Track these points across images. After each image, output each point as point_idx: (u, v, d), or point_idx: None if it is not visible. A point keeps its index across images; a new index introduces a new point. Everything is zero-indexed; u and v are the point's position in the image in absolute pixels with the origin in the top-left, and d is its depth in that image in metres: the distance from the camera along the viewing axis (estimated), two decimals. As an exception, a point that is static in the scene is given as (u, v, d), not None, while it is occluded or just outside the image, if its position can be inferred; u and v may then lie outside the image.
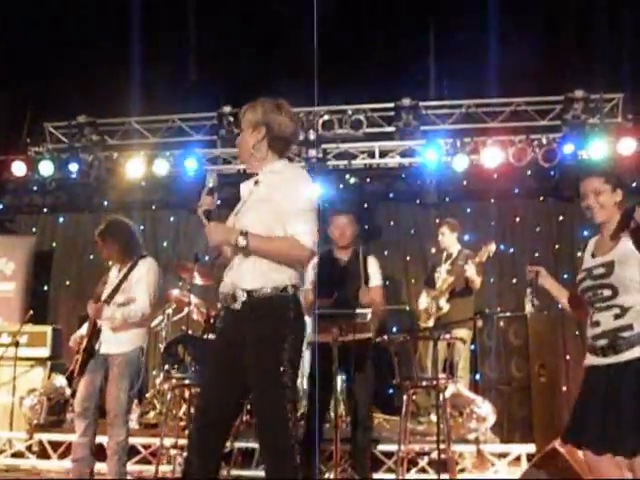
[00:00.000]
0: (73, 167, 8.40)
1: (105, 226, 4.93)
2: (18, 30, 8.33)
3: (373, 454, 5.40)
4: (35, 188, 9.06)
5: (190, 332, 6.34)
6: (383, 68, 8.36)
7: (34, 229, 9.09)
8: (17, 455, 6.13)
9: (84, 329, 4.98)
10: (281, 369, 2.92)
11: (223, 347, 3.17)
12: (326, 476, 4.80)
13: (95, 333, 4.78)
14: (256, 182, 3.28)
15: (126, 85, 8.37)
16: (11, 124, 8.79)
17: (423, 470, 5.48)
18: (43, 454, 6.08)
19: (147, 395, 7.40)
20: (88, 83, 8.38)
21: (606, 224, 3.42)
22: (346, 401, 5.13)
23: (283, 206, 3.04)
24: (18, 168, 8.42)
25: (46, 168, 8.39)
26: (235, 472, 5.55)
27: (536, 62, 7.44)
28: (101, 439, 4.89)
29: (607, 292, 3.33)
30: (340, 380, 5.09)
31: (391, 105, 8.12)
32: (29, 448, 6.17)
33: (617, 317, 3.28)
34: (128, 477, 5.03)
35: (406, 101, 7.96)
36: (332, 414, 4.97)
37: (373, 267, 5.13)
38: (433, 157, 7.81)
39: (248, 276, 3.05)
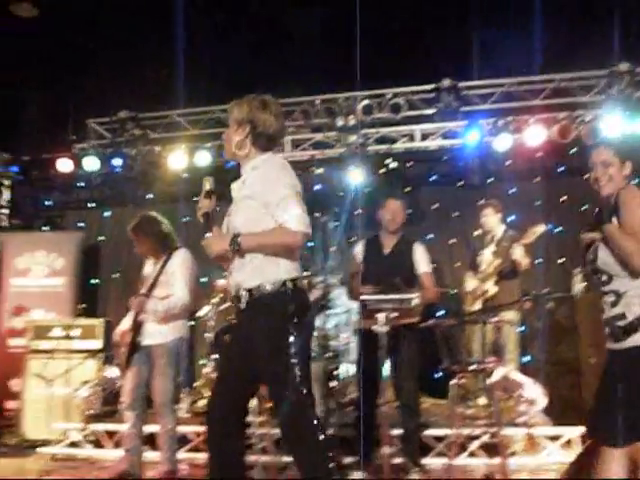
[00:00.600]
0: (117, 162, 8.52)
1: (136, 223, 5.03)
2: (59, 28, 8.46)
3: (422, 438, 5.39)
4: (81, 184, 9.23)
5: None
6: (422, 50, 8.28)
7: (81, 224, 9.26)
8: (74, 445, 6.29)
9: (125, 324, 5.08)
10: (290, 364, 2.99)
11: (234, 344, 3.33)
12: (377, 461, 4.80)
13: (137, 327, 4.88)
14: (243, 181, 3.33)
15: (166, 78, 8.46)
16: (55, 122, 8.95)
17: (473, 454, 5.46)
18: (98, 443, 6.23)
19: (196, 384, 7.51)
20: (128, 78, 8.50)
21: (612, 197, 3.31)
22: (395, 387, 5.12)
23: (268, 199, 3.10)
24: (64, 165, 8.57)
25: (91, 164, 8.52)
26: (286, 459, 5.60)
27: (578, 36, 7.28)
28: (153, 429, 5.00)
29: (604, 277, 3.27)
30: (388, 366, 5.09)
31: (431, 87, 8.02)
32: (85, 438, 6.32)
33: (613, 305, 3.23)
34: (180, 465, 5.13)
35: (446, 82, 7.85)
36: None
37: (420, 254, 5.11)
38: (475, 138, 7.71)
39: (247, 275, 3.12)
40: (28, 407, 6.78)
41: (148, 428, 5.06)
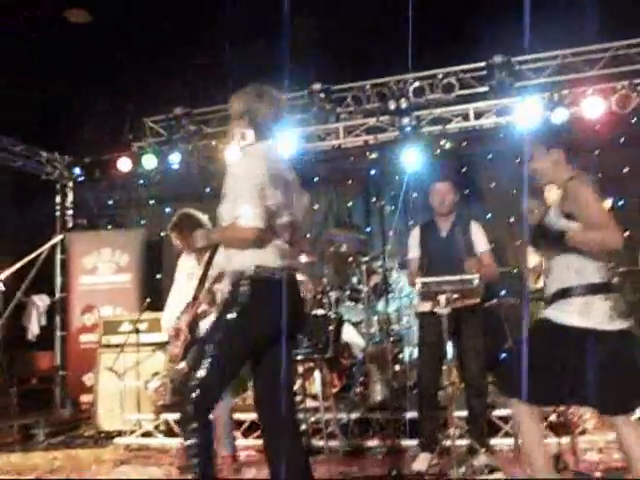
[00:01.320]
0: (174, 158, 8.67)
1: (177, 220, 5.14)
2: (112, 32, 8.64)
3: (490, 419, 5.36)
4: (141, 182, 9.44)
5: (299, 309, 6.45)
6: (471, 26, 8.14)
7: (143, 221, 9.47)
8: (146, 435, 6.47)
9: (170, 319, 5.16)
10: (212, 340, 3.18)
11: None
12: (443, 444, 4.80)
13: (197, 320, 4.99)
14: None
15: (218, 73, 8.54)
16: (113, 123, 9.17)
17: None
18: (170, 433, 6.39)
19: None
20: (181, 75, 8.63)
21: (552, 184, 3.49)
22: (459, 368, 5.10)
23: (236, 190, 3.19)
24: (123, 164, 8.77)
25: (149, 161, 8.70)
26: (353, 442, 5.66)
27: (632, 1, 7.05)
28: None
29: None
30: (451, 348, 5.07)
31: (482, 64, 7.90)
32: (157, 427, 6.49)
33: None
34: (251, 452, 5.24)
35: (498, 58, 7.71)
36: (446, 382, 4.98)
37: (477, 233, 5.06)
38: (531, 113, 7.56)
39: (224, 263, 3.36)
40: (102, 400, 6.98)
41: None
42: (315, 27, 8.72)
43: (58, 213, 9.56)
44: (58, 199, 9.58)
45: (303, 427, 5.55)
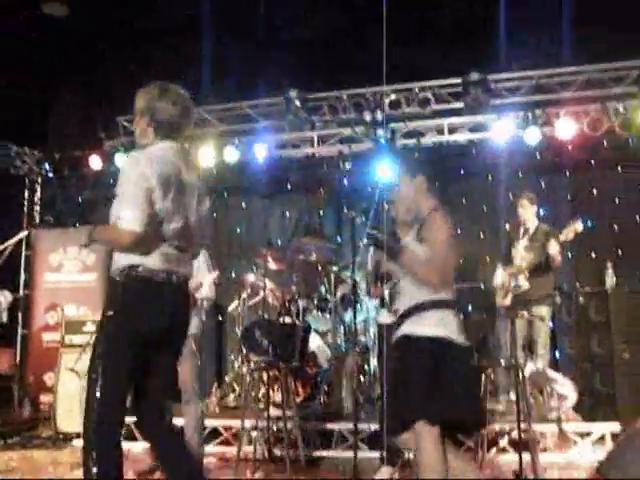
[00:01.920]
0: (146, 158, 8.59)
1: None
2: (87, 27, 8.54)
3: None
4: (111, 181, 9.31)
5: (266, 316, 6.43)
6: (448, 43, 8.21)
7: (112, 220, 9.35)
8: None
9: None
10: (97, 345, 3.16)
11: None
12: (406, 456, 4.80)
13: None
14: None
15: (192, 75, 8.49)
16: (85, 120, 9.05)
17: (504, 450, 5.44)
18: (130, 436, 6.28)
19: (226, 378, 7.56)
20: (156, 75, 8.54)
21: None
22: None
23: (120, 191, 3.11)
24: (94, 162, 8.68)
25: (121, 160, 8.61)
26: (315, 452, 5.64)
27: (608, 26, 7.16)
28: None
29: None
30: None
31: (458, 80, 7.96)
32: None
33: None
34: (210, 459, 5.19)
35: (474, 76, 7.76)
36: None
37: None
38: (504, 131, 7.65)
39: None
40: (61, 400, 6.86)
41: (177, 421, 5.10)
42: (293, 34, 8.74)
43: (25, 209, 9.42)
44: (26, 194, 9.43)
45: (265, 436, 5.52)
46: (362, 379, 6.61)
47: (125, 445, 6.08)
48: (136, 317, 3.09)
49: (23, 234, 8.46)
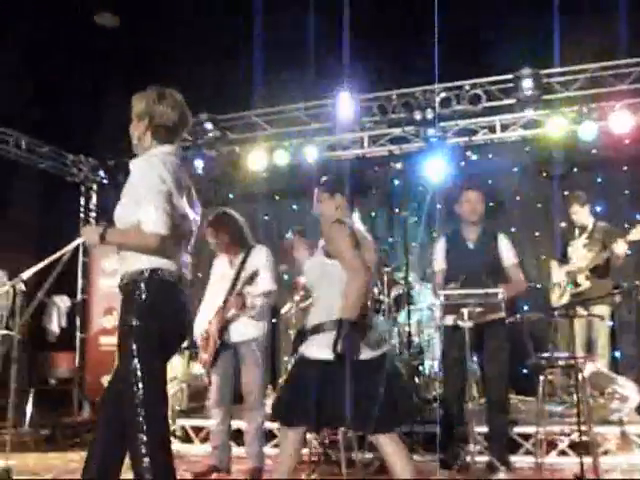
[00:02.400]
0: (198, 163, 8.69)
1: (215, 217, 5.08)
2: (138, 36, 8.69)
3: (510, 436, 5.28)
4: (164, 186, 9.45)
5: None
6: (499, 38, 8.08)
7: (165, 225, 9.48)
8: (163, 440, 6.43)
9: (201, 323, 5.11)
10: (128, 356, 2.97)
11: None
12: (463, 460, 4.73)
13: (226, 324, 4.93)
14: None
15: (242, 80, 8.56)
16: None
17: (563, 452, 5.31)
18: (186, 438, 6.37)
19: (280, 380, 7.57)
20: (206, 81, 8.64)
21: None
22: (480, 383, 5.03)
23: (137, 194, 3.08)
24: (147, 167, 8.78)
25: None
26: (369, 455, 5.59)
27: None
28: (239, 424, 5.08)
29: None
30: (474, 362, 5.01)
31: (510, 76, 7.83)
32: (173, 433, 6.47)
33: None
34: (267, 461, 5.20)
35: (526, 71, 7.63)
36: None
37: (505, 246, 4.99)
38: (558, 127, 7.49)
39: (118, 264, 3.20)
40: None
41: (235, 424, 5.14)
42: (342, 36, 8.72)
43: (82, 215, 9.62)
44: (82, 201, 9.64)
45: (320, 438, 5.51)
46: (417, 380, 6.54)
47: (181, 447, 6.20)
48: (164, 324, 3.06)
49: (79, 240, 8.64)
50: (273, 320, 8.48)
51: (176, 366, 7.04)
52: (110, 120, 9.35)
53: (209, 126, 8.76)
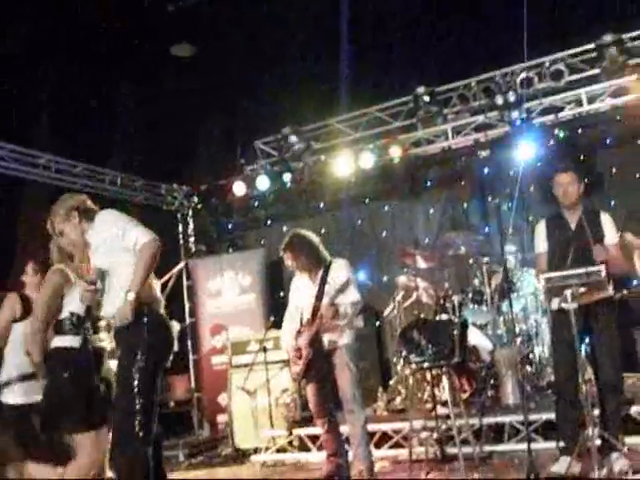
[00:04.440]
0: (286, 177, 8.82)
1: (289, 241, 5.22)
2: (216, 63, 8.92)
3: (628, 416, 5.06)
4: (256, 203, 9.67)
5: (422, 315, 6.39)
6: (577, 6, 7.79)
7: (262, 242, 9.68)
8: (280, 450, 6.56)
9: (287, 338, 5.22)
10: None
11: None
12: (582, 444, 4.56)
13: (318, 334, 5.01)
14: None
15: (320, 89, 8.64)
16: (225, 149, 9.44)
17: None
18: (304, 447, 6.45)
19: (391, 382, 7.56)
20: (286, 95, 8.77)
21: None
22: (593, 364, 4.84)
23: (111, 239, 3.61)
24: (238, 188, 8.99)
25: (263, 183, 8.88)
26: (487, 448, 5.50)
27: None
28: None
29: None
30: (585, 344, 4.84)
31: (592, 46, 7.54)
32: (290, 443, 6.57)
33: None
34: (382, 462, 5.21)
35: (607, 38, 7.32)
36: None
37: (607, 224, 4.81)
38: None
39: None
40: (236, 419, 7.15)
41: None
42: (414, 30, 8.66)
43: (181, 241, 9.94)
44: (180, 227, 9.97)
45: (435, 435, 5.46)
46: (528, 368, 6.38)
47: (300, 456, 6.29)
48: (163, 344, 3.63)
49: (181, 265, 8.96)
50: (377, 323, 8.53)
51: (286, 378, 7.15)
52: (199, 147, 9.68)
53: (293, 138, 8.89)
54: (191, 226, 10.05)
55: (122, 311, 3.49)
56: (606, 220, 4.82)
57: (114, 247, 3.61)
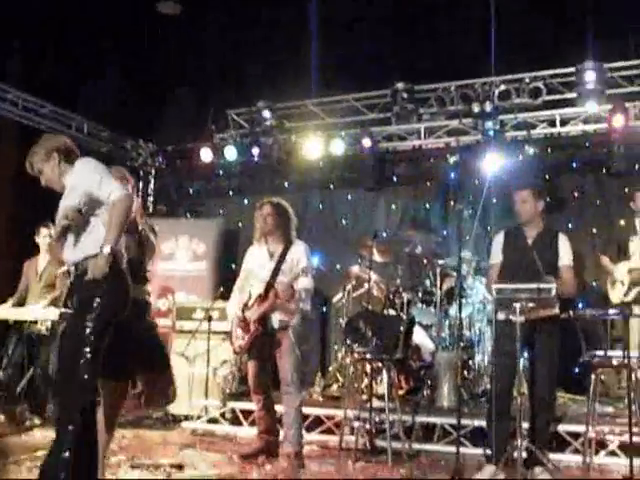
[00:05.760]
0: (255, 151, 8.78)
1: (271, 204, 5.20)
2: (198, 24, 8.81)
3: (558, 434, 5.23)
4: (221, 172, 9.60)
5: (370, 308, 6.45)
6: (560, 30, 7.93)
7: (221, 211, 9.63)
8: (212, 421, 6.58)
9: (234, 306, 5.24)
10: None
11: None
12: (509, 454, 4.69)
13: (268, 313, 5.03)
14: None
15: (300, 69, 8.60)
16: (197, 114, 9.33)
17: (613, 453, 5.21)
18: (236, 421, 6.48)
19: (330, 368, 7.64)
20: (265, 69, 8.72)
21: None
22: (528, 379, 4.97)
23: (87, 188, 3.60)
24: (205, 154, 8.92)
25: (230, 153, 8.82)
26: (417, 445, 5.61)
27: None
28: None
29: None
30: (524, 358, 4.96)
31: (572, 70, 7.68)
32: (222, 415, 6.60)
33: None
34: (312, 446, 5.27)
35: (588, 64, 7.48)
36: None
37: (563, 245, 4.92)
38: (620, 122, 7.30)
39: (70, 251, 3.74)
40: (171, 384, 7.13)
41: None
42: (401, 26, 8.67)
43: (140, 199, 9.81)
44: (140, 185, 9.84)
45: (367, 427, 5.54)
46: (466, 374, 6.52)
47: (230, 429, 6.33)
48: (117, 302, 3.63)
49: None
50: (323, 309, 8.59)
51: (227, 350, 7.16)
52: (170, 107, 9.54)
53: (267, 114, 8.86)
54: (152, 185, 9.94)
55: (98, 264, 3.46)
56: (563, 241, 4.93)
57: (88, 193, 3.59)
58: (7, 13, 7.09)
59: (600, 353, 4.81)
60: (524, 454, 4.45)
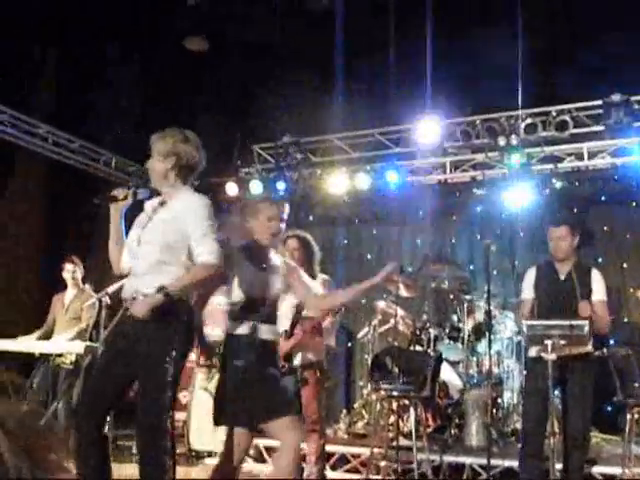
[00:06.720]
0: (280, 185, 8.79)
1: (296, 238, 5.14)
2: (226, 60, 8.90)
3: (592, 476, 5.08)
4: (247, 207, 9.59)
5: (397, 344, 6.36)
6: (588, 64, 7.90)
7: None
8: (237, 459, 6.47)
9: None
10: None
11: None
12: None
13: (294, 350, 4.97)
14: (162, 203, 3.45)
15: (326, 104, 8.64)
16: (222, 148, 9.38)
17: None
18: (260, 457, 6.39)
19: (355, 405, 7.53)
20: (291, 105, 8.77)
21: None
22: (561, 418, 4.85)
23: (188, 229, 3.30)
24: (230, 188, 8.95)
25: (256, 187, 8.84)
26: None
27: None
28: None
29: None
30: (557, 397, 4.85)
31: (599, 102, 7.62)
32: (247, 453, 6.48)
33: None
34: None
35: (616, 97, 7.41)
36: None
37: (596, 280, 4.83)
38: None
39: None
40: (194, 419, 7.05)
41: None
42: (426, 60, 8.69)
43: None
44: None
45: (394, 466, 5.42)
46: (495, 412, 6.38)
47: (255, 467, 6.22)
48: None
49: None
50: (349, 344, 8.51)
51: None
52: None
53: (292, 148, 8.87)
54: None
55: (142, 304, 3.26)
56: (596, 276, 4.85)
57: (186, 236, 3.31)
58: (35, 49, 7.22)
59: (635, 392, 4.68)
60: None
